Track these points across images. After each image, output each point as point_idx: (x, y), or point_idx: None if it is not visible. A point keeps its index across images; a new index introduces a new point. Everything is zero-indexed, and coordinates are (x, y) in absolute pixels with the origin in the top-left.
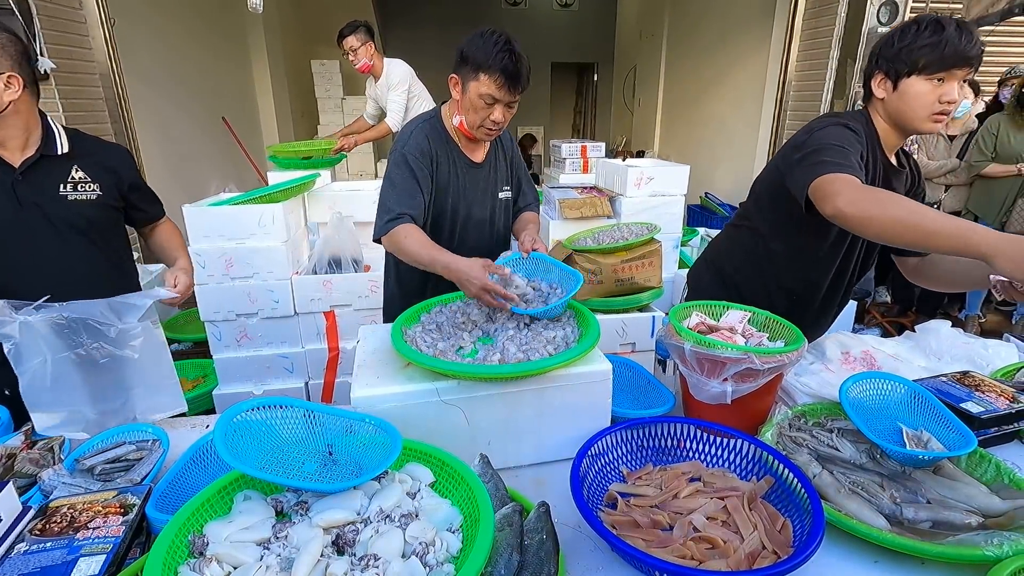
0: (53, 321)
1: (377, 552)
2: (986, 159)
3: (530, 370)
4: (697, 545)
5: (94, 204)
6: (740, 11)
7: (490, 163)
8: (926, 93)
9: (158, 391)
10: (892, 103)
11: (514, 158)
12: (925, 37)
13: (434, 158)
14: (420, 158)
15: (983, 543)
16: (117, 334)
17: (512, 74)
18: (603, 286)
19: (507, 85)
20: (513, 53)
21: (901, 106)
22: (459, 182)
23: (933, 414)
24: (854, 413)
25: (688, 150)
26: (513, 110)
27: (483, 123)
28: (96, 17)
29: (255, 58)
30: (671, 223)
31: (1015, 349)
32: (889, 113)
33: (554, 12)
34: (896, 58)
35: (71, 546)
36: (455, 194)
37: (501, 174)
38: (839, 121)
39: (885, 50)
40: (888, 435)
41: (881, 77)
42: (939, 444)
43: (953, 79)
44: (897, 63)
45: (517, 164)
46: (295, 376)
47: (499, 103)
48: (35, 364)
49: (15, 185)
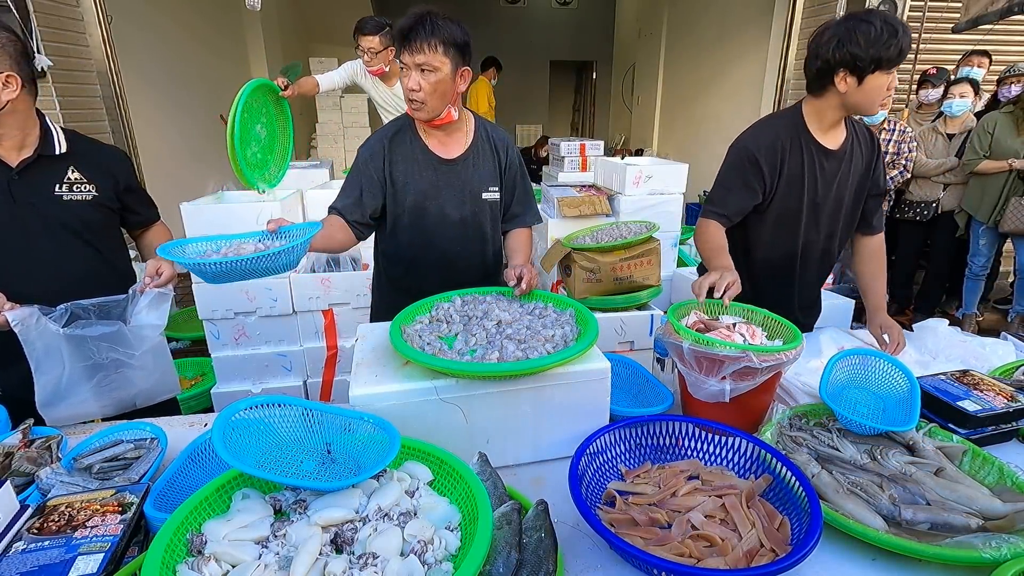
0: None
1: (376, 550)
2: (979, 157)
3: (529, 368)
4: (695, 543)
5: (90, 205)
6: (739, 9)
7: (470, 161)
8: (882, 85)
9: (158, 381)
10: (852, 95)
11: (510, 162)
12: (885, 38)
13: (389, 154)
14: (369, 158)
15: (981, 545)
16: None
17: (404, 30)
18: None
19: (403, 44)
20: (415, 15)
21: (861, 98)
22: (425, 180)
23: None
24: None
25: (687, 148)
26: (428, 77)
27: (406, 95)
28: (93, 15)
29: (253, 56)
30: (670, 221)
31: (1012, 347)
32: (845, 103)
33: (553, 10)
34: (861, 59)
35: (69, 545)
36: (419, 192)
37: (487, 174)
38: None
39: (845, 52)
40: (852, 406)
41: (845, 73)
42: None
43: (893, 71)
44: (864, 62)
45: (512, 168)
46: (293, 375)
47: (408, 68)
48: (55, 373)
49: (11, 184)
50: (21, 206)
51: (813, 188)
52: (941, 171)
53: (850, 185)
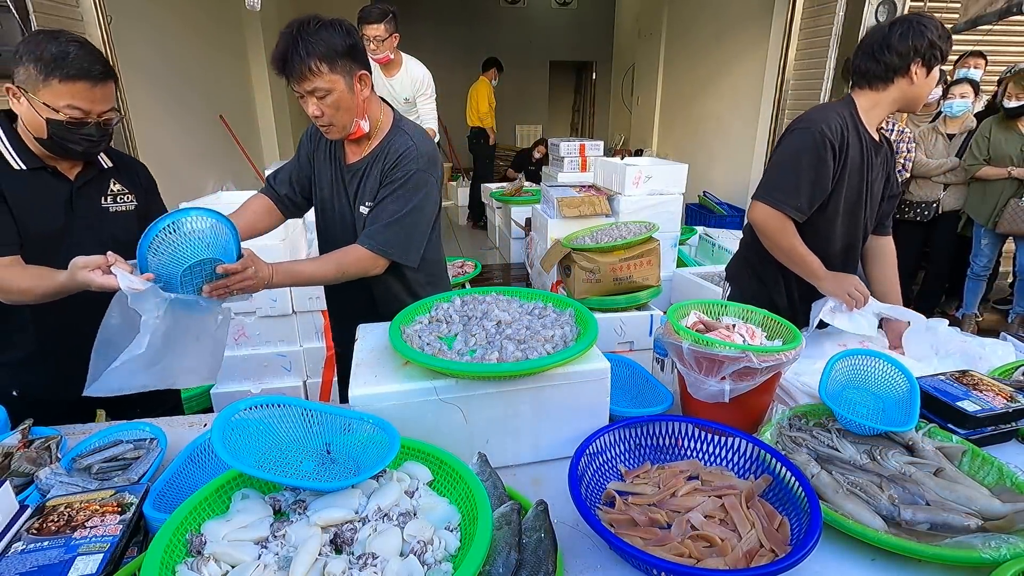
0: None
1: (375, 551)
2: (979, 162)
3: (528, 369)
4: (695, 543)
5: (132, 215)
6: (738, 9)
7: (362, 171)
8: (933, 79)
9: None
10: (919, 87)
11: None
12: (944, 34)
13: (310, 145)
14: (303, 140)
15: (980, 545)
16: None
17: (278, 59)
18: (601, 284)
19: (282, 73)
20: (282, 37)
21: (923, 90)
22: (328, 178)
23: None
24: (825, 388)
25: (686, 148)
26: (326, 100)
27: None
28: (93, 15)
29: (253, 56)
30: (669, 222)
31: (1012, 348)
32: (906, 96)
33: (553, 11)
34: (940, 47)
35: (68, 545)
36: (329, 190)
37: (370, 187)
38: (809, 129)
39: (931, 38)
40: (852, 406)
41: (920, 65)
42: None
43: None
44: (940, 51)
45: (390, 185)
46: (293, 375)
47: (306, 96)
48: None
49: (72, 198)
50: (77, 219)
51: (867, 180)
52: (941, 171)
53: (882, 179)
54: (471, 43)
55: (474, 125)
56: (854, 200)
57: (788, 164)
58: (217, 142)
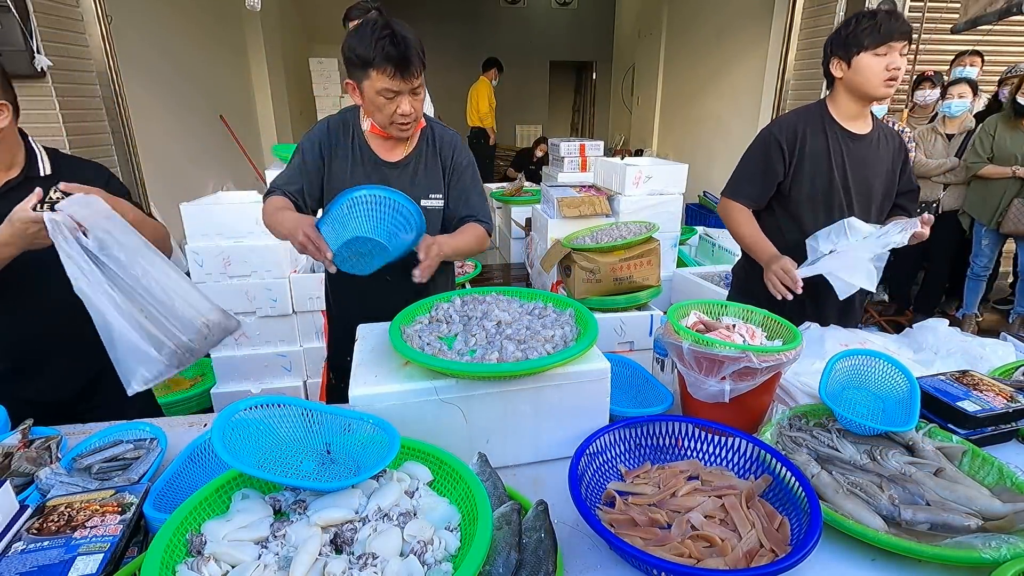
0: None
1: (375, 551)
2: (982, 160)
3: (528, 369)
4: (695, 543)
5: None
6: (738, 9)
7: (411, 166)
8: (875, 65)
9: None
10: (849, 79)
11: (455, 164)
12: (864, 23)
13: (326, 151)
14: (310, 148)
15: (980, 545)
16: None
17: (399, 60)
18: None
19: (399, 74)
20: (395, 37)
21: (858, 80)
22: (362, 177)
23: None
24: (825, 388)
25: (686, 148)
26: (420, 97)
27: (392, 119)
28: (93, 15)
29: (253, 56)
30: (669, 222)
31: (1012, 348)
32: (848, 88)
33: (553, 11)
34: (845, 43)
35: (68, 545)
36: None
37: (429, 179)
38: (766, 131)
39: (836, 39)
40: (852, 406)
41: (837, 61)
42: None
43: (893, 51)
44: (847, 46)
45: (459, 170)
46: (293, 375)
47: (400, 94)
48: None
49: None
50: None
51: (841, 167)
52: (941, 171)
53: (879, 173)
54: (471, 43)
55: (474, 125)
56: (824, 188)
57: (742, 160)
58: (217, 142)
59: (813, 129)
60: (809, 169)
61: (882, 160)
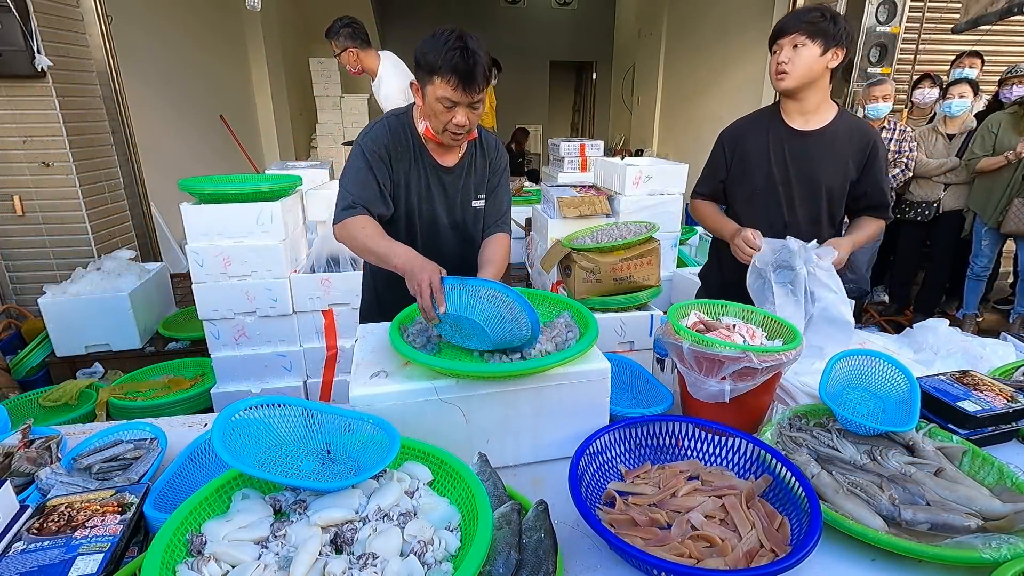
0: None
1: (375, 551)
2: (980, 156)
3: (529, 369)
4: (695, 543)
5: None
6: (739, 9)
7: (464, 169)
8: (772, 64)
9: None
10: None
11: (494, 167)
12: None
13: (392, 153)
14: (376, 150)
15: (980, 545)
16: None
17: (465, 74)
18: (601, 285)
19: (462, 86)
20: (466, 51)
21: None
22: (422, 183)
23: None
24: (825, 388)
25: (686, 148)
26: (478, 111)
27: (447, 127)
28: (93, 15)
29: (253, 56)
30: (669, 222)
31: (1012, 348)
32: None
33: (553, 11)
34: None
35: (69, 545)
36: (418, 195)
37: (478, 182)
38: (719, 136)
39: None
40: (852, 406)
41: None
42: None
43: (780, 48)
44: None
45: (498, 173)
46: (293, 375)
47: (459, 105)
48: None
49: None
50: None
51: (782, 164)
52: (942, 171)
53: (827, 166)
54: None
55: None
56: (762, 185)
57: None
58: (217, 142)
59: (756, 128)
60: (747, 166)
61: (837, 154)
